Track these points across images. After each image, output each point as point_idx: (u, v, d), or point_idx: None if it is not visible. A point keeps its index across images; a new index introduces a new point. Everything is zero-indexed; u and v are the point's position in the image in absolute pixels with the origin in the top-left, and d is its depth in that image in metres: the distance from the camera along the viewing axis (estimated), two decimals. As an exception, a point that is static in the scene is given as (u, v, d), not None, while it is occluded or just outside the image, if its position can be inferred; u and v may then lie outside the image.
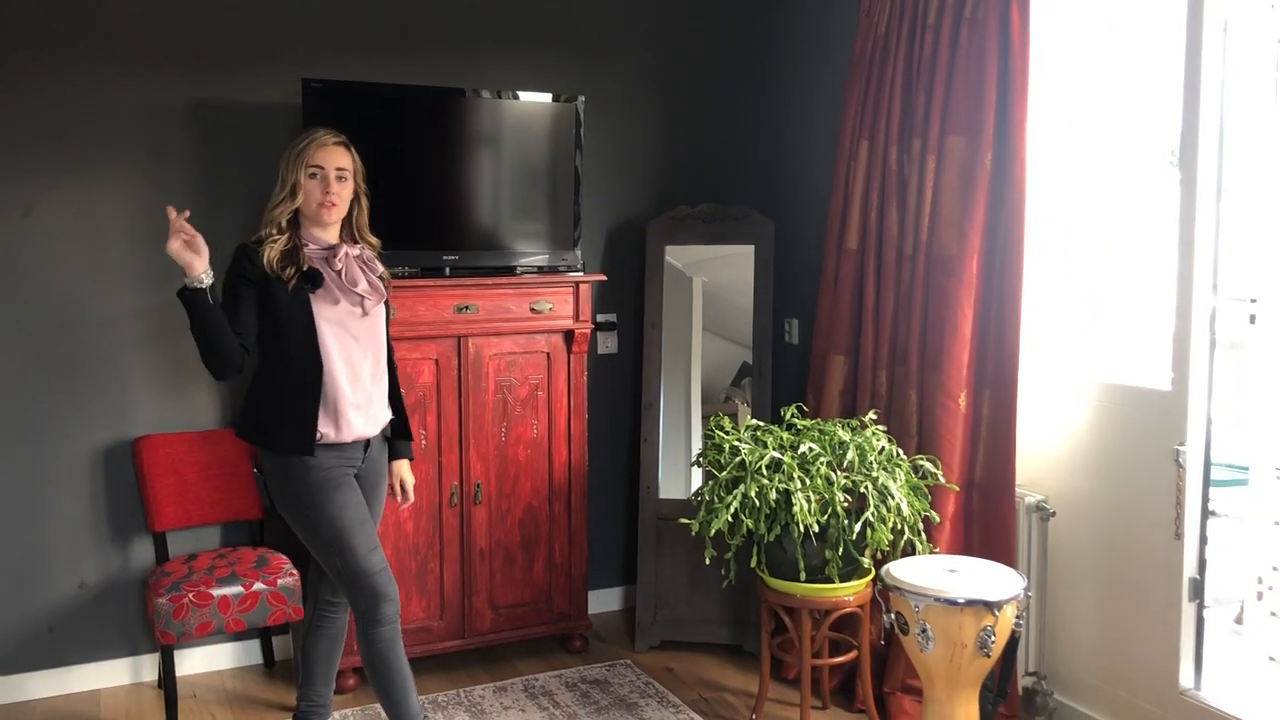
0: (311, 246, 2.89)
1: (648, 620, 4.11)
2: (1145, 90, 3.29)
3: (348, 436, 2.89)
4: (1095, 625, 3.32)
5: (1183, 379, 3.02)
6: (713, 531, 3.17)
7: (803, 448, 3.25)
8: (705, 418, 4.20)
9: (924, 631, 2.87)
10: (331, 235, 2.94)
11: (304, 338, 2.83)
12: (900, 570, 3.00)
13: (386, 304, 3.04)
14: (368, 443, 2.97)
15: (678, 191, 4.44)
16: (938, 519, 3.33)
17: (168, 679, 3.42)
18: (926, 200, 3.47)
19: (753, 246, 4.22)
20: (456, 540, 3.79)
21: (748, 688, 3.75)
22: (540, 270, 3.92)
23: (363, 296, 2.90)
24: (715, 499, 3.22)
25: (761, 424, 3.46)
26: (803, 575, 3.20)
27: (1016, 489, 3.33)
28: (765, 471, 3.19)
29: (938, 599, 2.84)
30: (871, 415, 3.46)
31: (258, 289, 2.82)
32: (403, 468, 3.19)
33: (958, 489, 3.40)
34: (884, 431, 3.36)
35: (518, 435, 3.87)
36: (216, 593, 3.41)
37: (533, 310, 3.83)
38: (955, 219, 3.39)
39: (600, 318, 4.34)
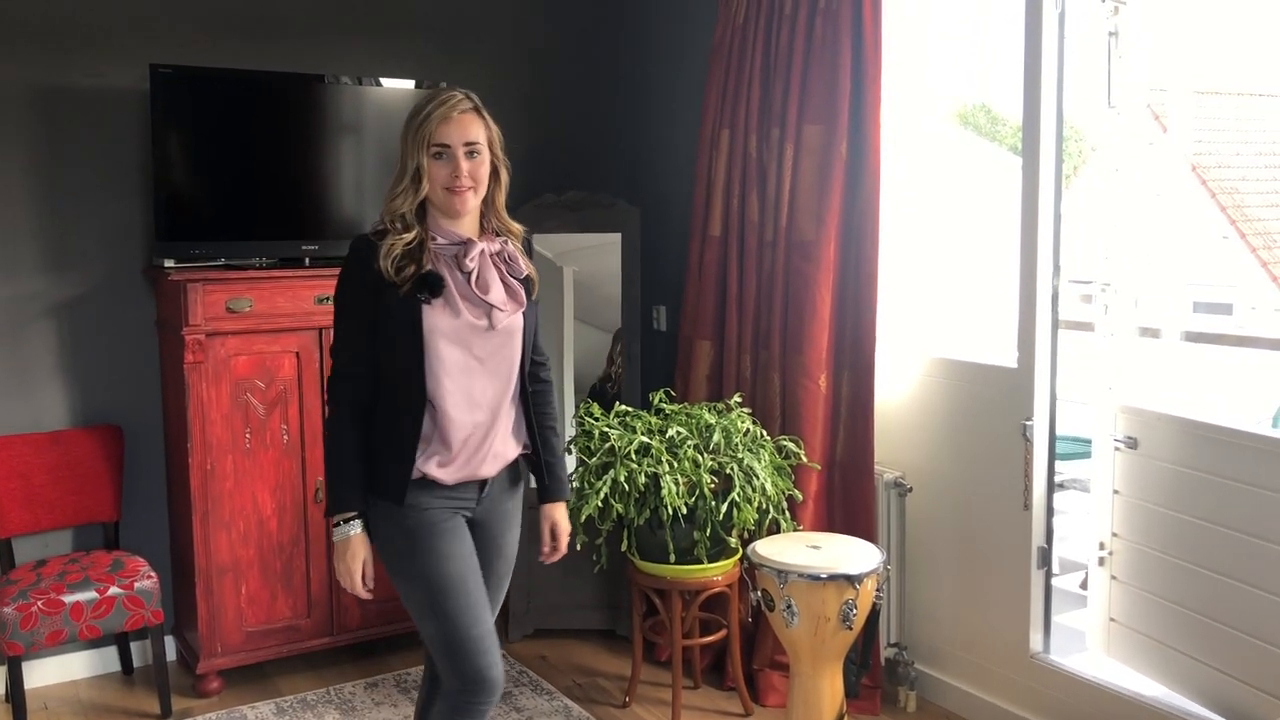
0: (440, 241, 2.33)
1: (521, 609, 4.10)
2: (992, 81, 3.43)
3: (453, 478, 2.34)
4: (951, 595, 3.45)
5: (1028, 357, 3.16)
6: (583, 518, 3.19)
7: (670, 432, 3.29)
8: (577, 406, 4.21)
9: (789, 607, 2.94)
10: (467, 226, 2.37)
11: (411, 356, 2.28)
12: (765, 548, 3.06)
13: (533, 306, 2.50)
14: (484, 483, 2.41)
15: (544, 179, 4.42)
16: (801, 497, 3.41)
17: (15, 692, 3.28)
18: (785, 188, 3.54)
19: (620, 234, 4.24)
20: (322, 536, 3.70)
21: (621, 671, 3.78)
22: (405, 260, 3.85)
23: (493, 306, 2.34)
24: (585, 485, 3.24)
25: (630, 409, 3.49)
26: (672, 557, 3.25)
27: (875, 466, 3.44)
28: (634, 456, 3.21)
29: (801, 575, 2.92)
30: (737, 398, 3.52)
31: (373, 296, 2.28)
32: (556, 511, 2.57)
33: (819, 468, 3.49)
34: (749, 414, 3.42)
35: (385, 427, 3.80)
36: (68, 599, 3.28)
37: (398, 300, 3.77)
38: (813, 206, 3.48)
39: (468, 308, 4.30)
